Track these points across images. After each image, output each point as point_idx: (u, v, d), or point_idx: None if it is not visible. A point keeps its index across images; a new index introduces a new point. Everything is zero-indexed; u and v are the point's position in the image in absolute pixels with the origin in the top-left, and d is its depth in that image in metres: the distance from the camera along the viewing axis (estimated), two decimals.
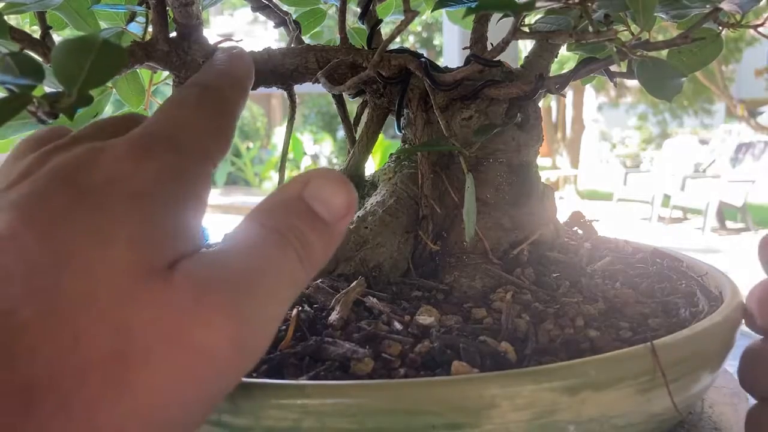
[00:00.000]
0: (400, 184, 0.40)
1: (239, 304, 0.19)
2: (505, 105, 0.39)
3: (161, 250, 0.19)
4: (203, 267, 0.20)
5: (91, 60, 0.22)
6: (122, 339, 0.18)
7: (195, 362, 0.19)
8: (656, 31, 0.33)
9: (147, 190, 0.20)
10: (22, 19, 0.44)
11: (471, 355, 0.27)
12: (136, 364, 0.18)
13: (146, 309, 0.18)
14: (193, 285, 0.19)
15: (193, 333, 0.18)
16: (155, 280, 0.19)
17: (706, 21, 0.32)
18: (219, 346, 0.19)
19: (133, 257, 0.19)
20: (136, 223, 0.19)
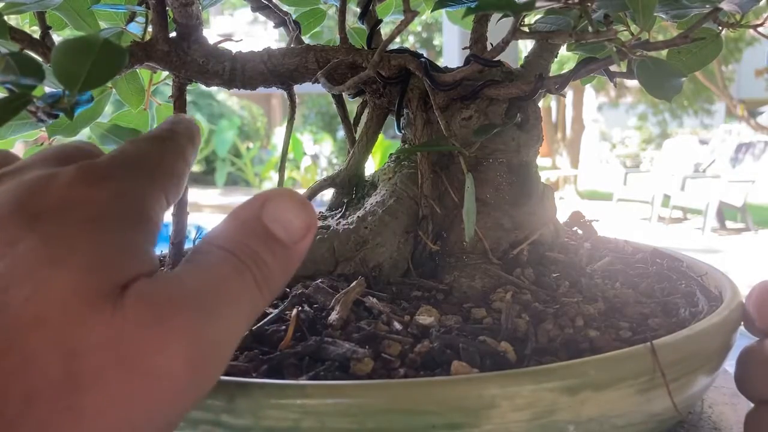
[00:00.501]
0: (400, 184, 0.40)
1: (195, 326, 0.19)
2: (505, 105, 0.39)
3: (112, 273, 0.19)
4: (157, 288, 0.19)
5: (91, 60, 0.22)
6: (72, 363, 0.17)
7: (148, 386, 0.18)
8: (656, 31, 0.33)
9: (99, 214, 0.20)
10: (21, 19, 0.44)
11: (471, 355, 0.27)
12: (86, 388, 0.17)
13: (97, 332, 0.18)
14: (147, 307, 0.19)
15: (146, 356, 0.18)
16: (106, 303, 0.18)
17: (706, 21, 0.32)
18: (174, 369, 0.18)
19: (84, 281, 0.18)
20: (87, 248, 0.19)
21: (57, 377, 0.17)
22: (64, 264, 0.18)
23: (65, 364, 0.17)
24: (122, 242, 0.20)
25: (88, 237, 0.19)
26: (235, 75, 0.39)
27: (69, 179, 0.21)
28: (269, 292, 0.22)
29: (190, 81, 0.39)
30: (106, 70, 0.22)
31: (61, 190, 0.20)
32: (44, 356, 0.17)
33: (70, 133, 0.42)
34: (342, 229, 0.38)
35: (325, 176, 0.43)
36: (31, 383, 0.17)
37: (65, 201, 0.20)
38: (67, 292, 0.18)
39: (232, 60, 0.39)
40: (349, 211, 0.41)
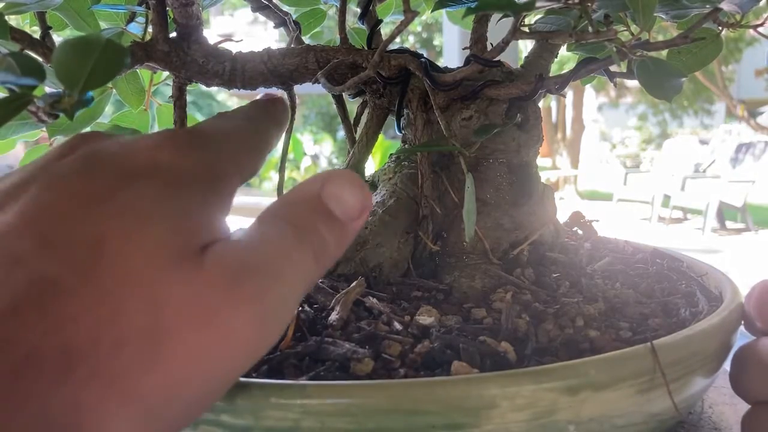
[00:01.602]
0: (400, 184, 0.40)
1: (264, 291, 0.21)
2: (505, 105, 0.39)
3: (195, 236, 0.21)
4: (232, 254, 0.21)
5: (93, 60, 0.22)
6: (156, 315, 0.19)
7: (221, 341, 0.20)
8: (656, 31, 0.33)
9: (184, 179, 0.22)
10: (22, 19, 0.44)
11: (471, 355, 0.27)
12: (167, 339, 0.19)
13: (179, 289, 0.19)
14: (223, 270, 0.20)
15: (220, 315, 0.20)
16: (189, 261, 0.20)
17: (706, 21, 0.32)
18: (243, 328, 0.20)
19: (170, 239, 0.20)
20: (174, 209, 0.21)
21: (143, 327, 0.19)
22: (152, 222, 0.20)
23: (151, 315, 0.19)
24: (203, 208, 0.22)
25: (174, 199, 0.21)
26: (235, 75, 0.39)
27: (158, 143, 0.23)
28: (323, 265, 0.24)
29: (191, 81, 0.39)
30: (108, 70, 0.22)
31: (150, 153, 0.22)
32: (133, 308, 0.19)
33: (70, 133, 0.42)
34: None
35: None
36: (119, 332, 0.18)
37: (155, 162, 0.22)
38: (155, 250, 0.19)
39: (232, 60, 0.39)
40: None
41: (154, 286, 0.19)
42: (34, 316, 0.18)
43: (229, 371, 0.21)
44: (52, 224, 0.19)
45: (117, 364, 0.18)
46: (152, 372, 0.19)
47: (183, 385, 0.19)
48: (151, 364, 0.19)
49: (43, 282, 0.18)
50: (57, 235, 0.19)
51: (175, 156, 0.22)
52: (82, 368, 0.18)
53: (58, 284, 0.18)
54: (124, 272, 0.19)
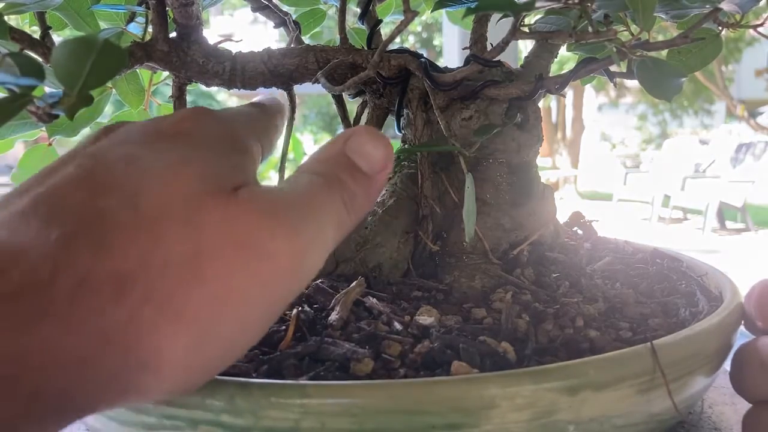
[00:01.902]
0: (400, 184, 0.40)
1: (296, 222, 0.22)
2: (505, 105, 0.39)
3: (228, 177, 0.23)
4: (264, 191, 0.23)
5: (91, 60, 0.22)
6: (195, 240, 0.21)
7: (259, 264, 0.21)
8: (656, 31, 0.33)
9: (207, 142, 0.24)
10: (21, 19, 0.44)
11: (471, 355, 0.27)
12: (208, 260, 0.21)
13: (215, 216, 0.21)
14: (257, 203, 0.22)
15: (257, 238, 0.21)
16: (223, 195, 0.22)
17: (706, 21, 0.32)
18: (280, 253, 0.22)
19: (205, 177, 0.22)
20: (206, 155, 0.23)
21: (184, 250, 0.20)
22: (188, 164, 0.22)
23: (191, 240, 0.21)
24: (232, 160, 0.24)
25: (204, 149, 0.23)
26: (235, 75, 0.39)
27: (179, 116, 0.25)
28: (355, 214, 0.25)
29: (190, 81, 0.39)
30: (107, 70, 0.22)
31: (175, 122, 0.25)
32: (174, 234, 0.20)
33: (70, 133, 0.42)
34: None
35: None
36: (164, 255, 0.20)
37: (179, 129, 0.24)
38: (190, 185, 0.22)
39: (232, 60, 0.39)
40: None
41: (191, 215, 0.21)
42: (85, 246, 0.19)
43: (270, 295, 0.22)
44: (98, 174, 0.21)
45: (166, 284, 0.20)
46: (198, 290, 0.20)
47: (228, 302, 0.21)
48: (196, 283, 0.20)
49: (90, 219, 0.20)
50: (103, 182, 0.21)
51: (196, 124, 0.25)
52: (135, 290, 0.19)
53: (106, 220, 0.20)
54: (162, 207, 0.21)
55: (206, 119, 0.25)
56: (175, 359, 0.20)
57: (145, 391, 0.21)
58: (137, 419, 0.25)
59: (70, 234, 0.19)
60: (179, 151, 0.23)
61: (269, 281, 0.22)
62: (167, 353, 0.20)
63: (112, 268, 0.19)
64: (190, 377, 0.22)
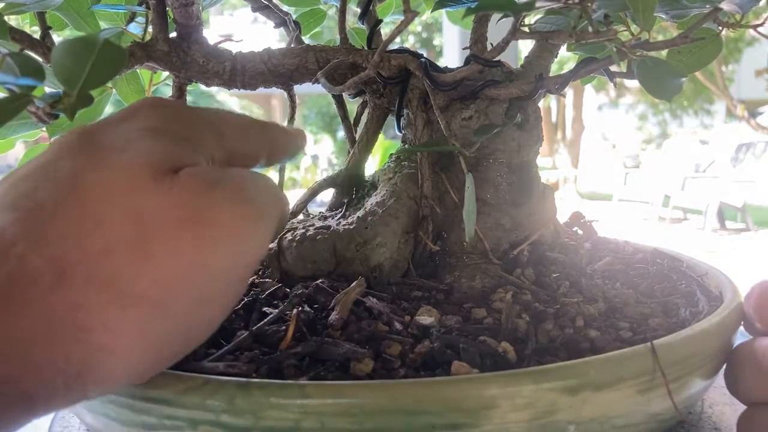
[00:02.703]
0: (400, 184, 0.40)
1: (247, 190, 0.23)
2: (505, 105, 0.39)
3: (168, 159, 0.23)
4: (208, 170, 0.24)
5: (91, 60, 0.22)
6: (138, 221, 0.21)
7: (207, 234, 0.22)
8: (656, 31, 0.33)
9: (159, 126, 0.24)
10: (22, 19, 0.44)
11: (471, 355, 0.27)
12: (155, 239, 0.21)
13: (157, 196, 0.22)
14: (198, 180, 0.23)
15: (202, 211, 0.22)
16: (163, 176, 0.22)
17: (706, 21, 0.32)
18: (229, 220, 0.22)
19: (145, 161, 0.22)
20: (144, 140, 0.23)
21: (128, 233, 0.21)
22: (129, 150, 0.22)
23: (135, 222, 0.21)
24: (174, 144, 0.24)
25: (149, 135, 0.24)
26: (236, 75, 0.39)
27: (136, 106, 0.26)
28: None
29: (190, 81, 0.39)
30: (106, 70, 0.22)
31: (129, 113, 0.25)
32: (116, 218, 0.21)
33: None
34: (342, 229, 0.38)
35: (325, 176, 0.43)
36: (105, 239, 0.20)
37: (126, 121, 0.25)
38: (128, 168, 0.22)
39: (232, 60, 0.39)
40: (350, 211, 0.41)
41: (133, 198, 0.21)
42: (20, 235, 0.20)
43: (222, 266, 0.23)
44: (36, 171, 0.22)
45: (109, 268, 0.20)
46: (145, 271, 0.21)
47: (180, 276, 0.21)
48: (142, 264, 0.21)
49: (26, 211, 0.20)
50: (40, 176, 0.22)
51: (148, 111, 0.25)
52: (76, 275, 0.20)
53: (41, 210, 0.20)
54: (103, 192, 0.21)
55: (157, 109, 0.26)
56: (130, 339, 0.21)
57: (107, 376, 0.21)
58: (138, 419, 0.25)
59: (8, 226, 0.20)
60: (119, 136, 0.23)
61: (220, 250, 0.22)
62: (121, 334, 0.20)
63: (48, 255, 0.20)
64: (152, 358, 0.22)
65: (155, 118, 0.25)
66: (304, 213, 0.44)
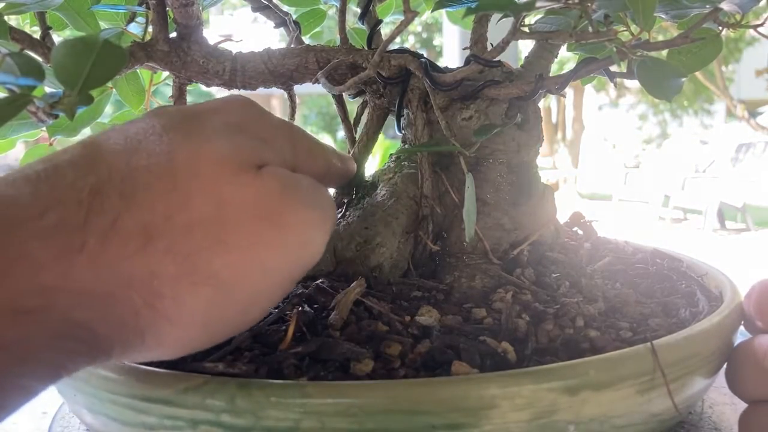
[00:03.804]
0: (400, 184, 0.40)
1: (313, 200, 0.25)
2: (505, 105, 0.39)
3: (252, 155, 0.25)
4: (284, 172, 0.25)
5: (91, 60, 0.22)
6: (221, 209, 0.23)
7: (278, 233, 0.24)
8: (656, 31, 0.33)
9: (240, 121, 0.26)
10: (22, 19, 0.44)
11: (471, 355, 0.27)
12: (231, 230, 0.23)
13: (241, 189, 0.23)
14: (279, 180, 0.24)
15: (278, 212, 0.24)
16: (248, 171, 0.24)
17: (706, 21, 0.32)
18: (298, 224, 0.24)
19: (232, 153, 0.24)
20: (235, 136, 0.25)
21: (210, 216, 0.22)
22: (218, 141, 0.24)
23: (216, 208, 0.23)
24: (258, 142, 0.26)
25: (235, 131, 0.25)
26: (236, 75, 0.39)
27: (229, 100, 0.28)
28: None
29: (190, 81, 0.39)
30: (106, 70, 0.22)
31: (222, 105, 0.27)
32: (201, 200, 0.22)
33: (70, 133, 0.42)
34: (342, 229, 0.38)
35: None
36: (190, 217, 0.22)
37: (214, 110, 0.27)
38: (216, 160, 0.23)
39: (232, 60, 0.39)
40: (349, 211, 0.41)
41: (218, 185, 0.23)
42: (116, 197, 0.21)
43: (284, 266, 0.24)
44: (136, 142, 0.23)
45: (189, 244, 0.22)
46: (219, 254, 0.22)
47: (247, 267, 0.23)
48: (218, 248, 0.22)
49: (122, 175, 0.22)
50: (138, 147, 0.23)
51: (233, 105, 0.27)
52: (160, 242, 0.21)
53: (137, 178, 0.22)
54: (191, 174, 0.23)
55: (245, 108, 0.28)
56: (194, 313, 0.22)
57: (160, 342, 0.22)
58: (138, 419, 0.25)
59: (102, 184, 0.21)
60: (212, 126, 0.25)
61: (286, 251, 0.24)
62: (187, 307, 0.22)
63: (140, 219, 0.21)
64: (205, 334, 0.24)
65: (241, 116, 0.27)
66: None
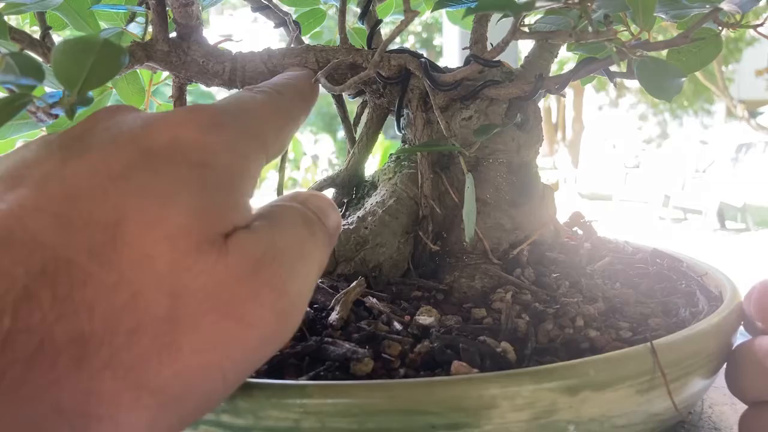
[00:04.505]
0: (400, 184, 0.40)
1: (283, 280, 0.21)
2: (505, 105, 0.39)
3: (218, 220, 0.20)
4: (254, 243, 0.20)
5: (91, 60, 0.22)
6: (175, 303, 0.18)
7: (241, 332, 0.19)
8: (656, 31, 0.33)
9: (208, 160, 0.21)
10: (22, 19, 0.44)
11: (471, 355, 0.27)
12: (186, 329, 0.18)
13: (200, 277, 0.19)
14: (246, 260, 0.20)
15: (242, 304, 0.19)
16: (211, 249, 0.19)
17: (706, 21, 0.32)
18: (264, 318, 0.20)
19: (192, 223, 0.19)
20: (197, 191, 0.20)
21: (161, 315, 0.18)
22: (175, 205, 0.19)
23: (169, 303, 0.18)
24: (225, 192, 0.21)
25: (198, 181, 0.20)
26: (236, 75, 0.39)
27: (184, 120, 0.22)
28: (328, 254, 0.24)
29: (190, 81, 0.39)
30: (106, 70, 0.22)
31: (176, 129, 0.21)
32: (150, 294, 0.18)
33: None
34: (342, 229, 0.38)
35: (325, 176, 0.43)
36: (136, 319, 0.17)
37: (178, 141, 0.21)
38: (174, 234, 0.18)
39: (232, 60, 0.39)
40: (349, 211, 0.41)
41: (173, 273, 0.18)
42: (48, 302, 0.16)
43: (249, 364, 0.21)
44: (71, 203, 0.18)
45: (133, 353, 0.17)
46: (170, 363, 0.18)
47: (202, 375, 0.19)
48: (168, 355, 0.18)
49: (58, 265, 0.17)
50: (75, 215, 0.18)
51: (198, 135, 0.21)
52: (97, 357, 0.17)
53: (74, 268, 0.17)
54: (142, 257, 0.18)
55: (212, 127, 0.22)
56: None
57: None
58: None
59: (33, 280, 0.16)
60: (171, 178, 0.19)
61: (251, 348, 0.20)
62: (126, 427, 0.18)
63: (74, 330, 0.16)
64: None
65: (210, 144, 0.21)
66: None
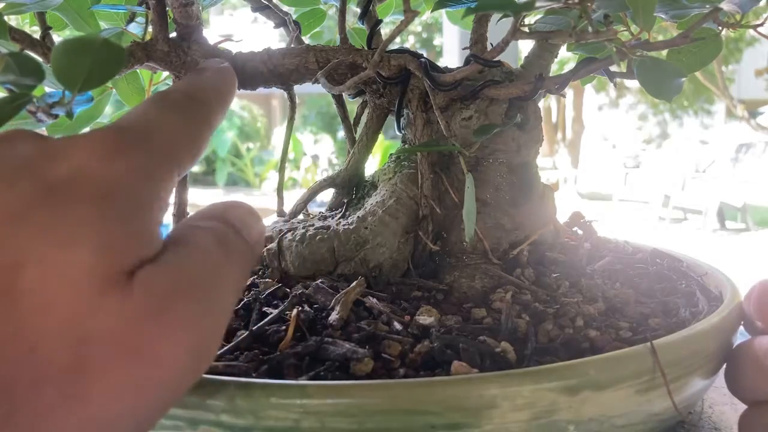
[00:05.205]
0: (400, 184, 0.40)
1: (195, 315, 0.19)
2: (505, 105, 0.39)
3: (122, 256, 0.19)
4: (162, 278, 0.19)
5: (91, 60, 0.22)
6: (80, 351, 0.17)
7: (152, 373, 0.18)
8: (656, 31, 0.33)
9: (112, 191, 0.19)
10: (22, 19, 0.44)
11: (471, 355, 0.27)
12: (93, 377, 0.17)
13: (105, 322, 0.17)
14: (153, 297, 0.18)
15: (152, 345, 0.18)
16: (115, 289, 0.18)
17: (706, 21, 0.32)
18: (177, 356, 0.19)
19: (94, 263, 0.18)
20: (99, 227, 0.18)
21: (65, 365, 0.17)
22: (74, 247, 0.18)
23: (73, 351, 0.17)
24: (131, 224, 0.19)
25: (97, 218, 0.19)
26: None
27: (85, 147, 0.20)
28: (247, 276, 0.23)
29: None
30: (106, 70, 0.22)
31: (76, 159, 0.20)
32: (52, 343, 0.17)
33: (70, 133, 0.42)
34: (342, 229, 0.38)
35: (325, 176, 0.43)
36: (38, 370, 0.16)
37: (78, 173, 0.19)
38: (76, 278, 0.17)
39: (232, 60, 0.39)
40: (349, 211, 0.41)
41: (77, 319, 0.17)
42: None
43: (163, 400, 0.19)
44: None
45: (37, 405, 0.16)
46: (77, 412, 0.17)
47: (111, 421, 0.18)
48: (75, 404, 0.17)
49: None
50: None
51: (102, 163, 0.20)
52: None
53: None
54: (42, 303, 0.17)
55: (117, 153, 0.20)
56: None
57: None
58: None
59: None
60: (72, 215, 0.18)
61: (163, 389, 0.19)
62: None
63: None
64: None
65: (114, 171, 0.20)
66: (304, 213, 0.44)
